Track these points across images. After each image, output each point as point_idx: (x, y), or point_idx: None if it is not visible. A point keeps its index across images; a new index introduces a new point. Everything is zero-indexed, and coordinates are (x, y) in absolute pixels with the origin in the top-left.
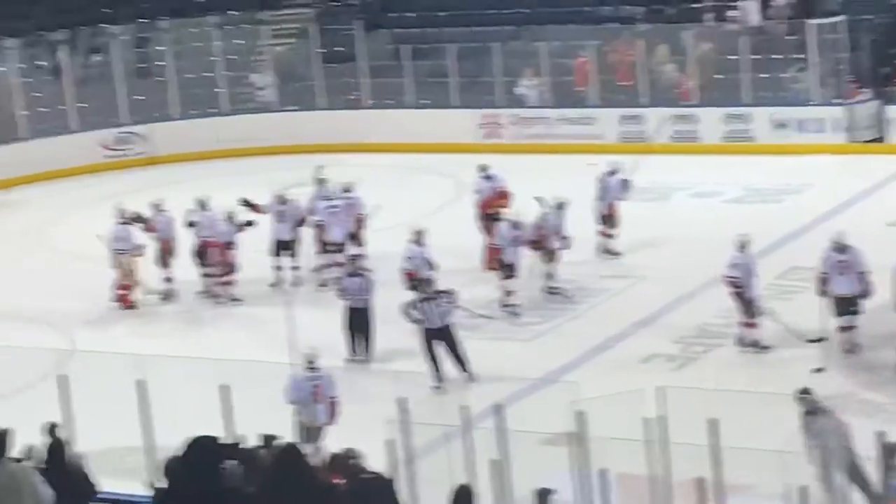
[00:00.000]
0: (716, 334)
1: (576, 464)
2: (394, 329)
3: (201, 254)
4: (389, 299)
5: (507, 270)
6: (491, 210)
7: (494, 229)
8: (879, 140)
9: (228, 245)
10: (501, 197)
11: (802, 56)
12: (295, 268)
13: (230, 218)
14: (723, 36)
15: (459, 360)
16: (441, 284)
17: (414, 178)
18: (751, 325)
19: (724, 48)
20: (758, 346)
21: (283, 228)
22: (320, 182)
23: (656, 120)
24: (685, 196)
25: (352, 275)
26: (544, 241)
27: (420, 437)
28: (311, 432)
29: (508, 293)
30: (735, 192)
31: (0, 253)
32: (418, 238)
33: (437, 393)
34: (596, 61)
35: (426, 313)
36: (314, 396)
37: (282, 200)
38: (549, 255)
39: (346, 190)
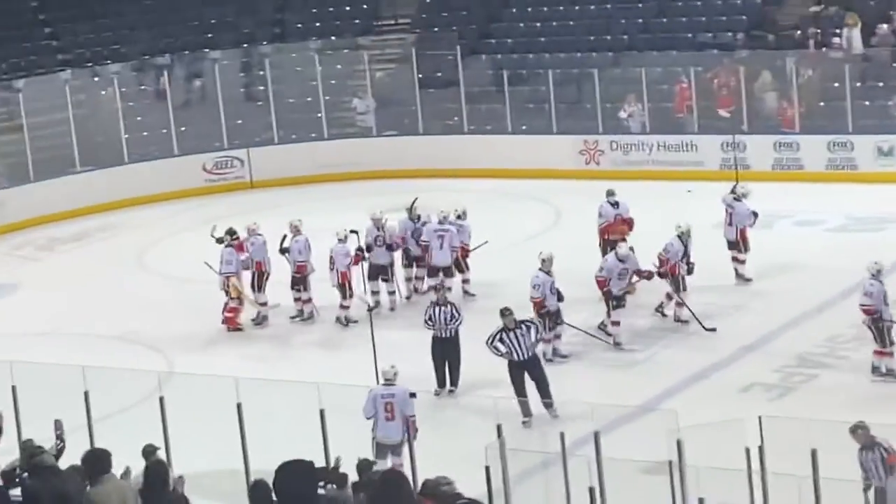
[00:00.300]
0: (816, 363)
1: (674, 493)
2: (488, 357)
3: (296, 279)
4: (488, 327)
5: (614, 301)
6: (613, 236)
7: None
8: None
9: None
10: (625, 224)
11: None
12: (391, 292)
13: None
14: (826, 63)
15: (544, 394)
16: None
17: (513, 205)
18: (885, 354)
19: (827, 75)
20: (894, 375)
21: (380, 253)
22: (411, 212)
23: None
24: (788, 224)
25: (439, 304)
26: (671, 269)
27: (517, 464)
28: (382, 449)
29: (614, 323)
30: (838, 221)
31: (103, 275)
32: (547, 266)
33: (525, 427)
34: (695, 87)
35: (511, 345)
36: (387, 413)
37: (378, 225)
38: (677, 283)
39: (459, 216)
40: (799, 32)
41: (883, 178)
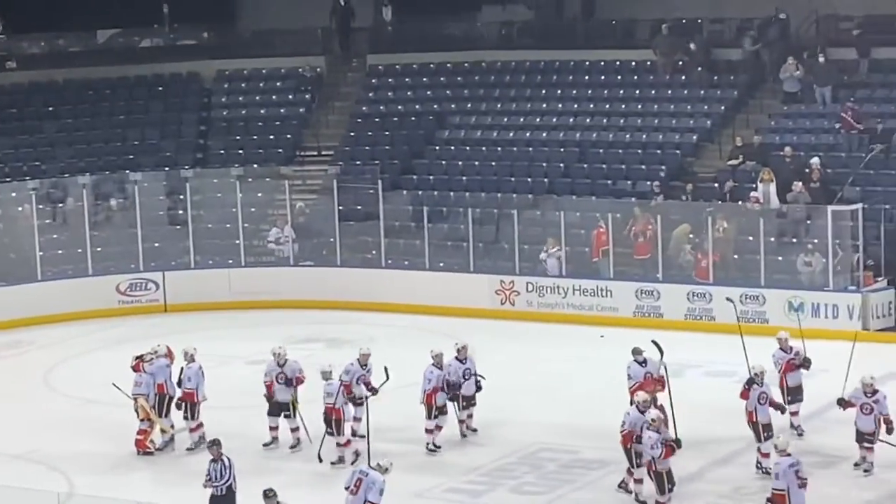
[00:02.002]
0: None
1: None
2: None
3: (185, 406)
4: None
5: (635, 457)
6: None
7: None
8: (893, 329)
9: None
10: (657, 382)
11: (817, 241)
12: (294, 429)
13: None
14: (742, 216)
15: None
16: None
17: (426, 341)
18: None
19: (742, 228)
20: None
21: (280, 389)
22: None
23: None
24: (698, 374)
25: (214, 460)
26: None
27: None
28: None
29: (637, 481)
30: (746, 373)
31: (9, 393)
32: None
33: None
34: (612, 233)
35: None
36: (355, 487)
37: (279, 362)
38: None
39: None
40: (716, 185)
41: (793, 334)
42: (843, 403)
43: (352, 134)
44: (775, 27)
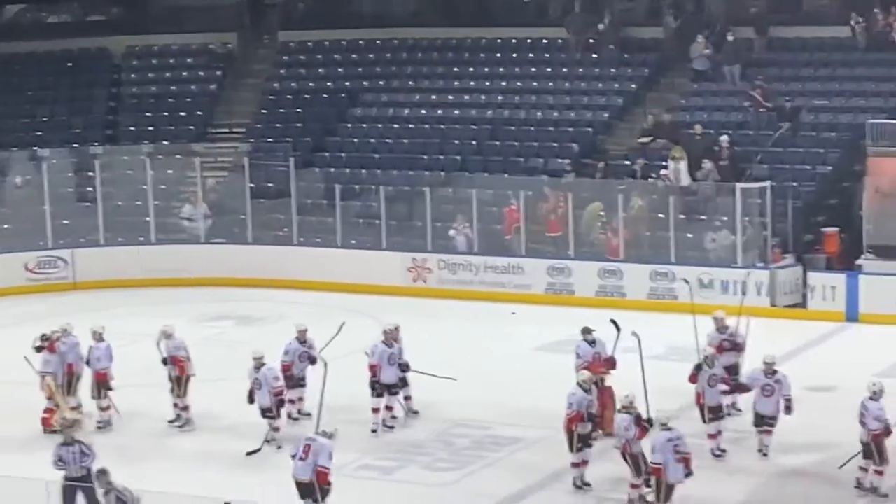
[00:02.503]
0: None
1: None
2: None
3: (96, 386)
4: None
5: (582, 440)
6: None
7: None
8: (801, 305)
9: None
10: (606, 364)
11: (726, 218)
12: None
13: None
14: (652, 194)
15: None
16: None
17: (337, 318)
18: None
19: (653, 206)
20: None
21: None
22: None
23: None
24: (609, 350)
25: (66, 443)
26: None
27: None
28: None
29: (584, 462)
30: (658, 350)
31: None
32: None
33: None
34: (524, 211)
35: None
36: (303, 453)
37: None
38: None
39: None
40: (628, 162)
41: (702, 310)
42: (734, 386)
43: (263, 111)
44: (691, 3)
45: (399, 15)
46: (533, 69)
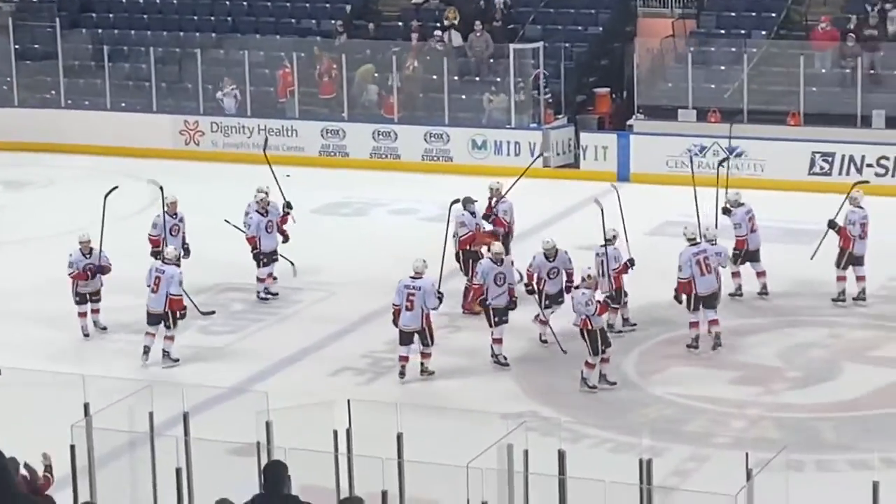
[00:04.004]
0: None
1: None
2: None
3: None
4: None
5: (495, 315)
6: (475, 246)
7: (476, 268)
8: (573, 165)
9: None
10: (490, 234)
11: (500, 80)
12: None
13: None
14: (427, 55)
15: None
16: None
17: (111, 182)
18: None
19: (427, 68)
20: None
21: None
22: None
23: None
24: (384, 212)
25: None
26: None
27: (104, 444)
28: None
29: (497, 340)
30: (433, 211)
31: None
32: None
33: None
34: (297, 73)
35: None
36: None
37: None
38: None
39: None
40: (401, 24)
41: (477, 171)
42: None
43: None
44: None
45: None
46: None
